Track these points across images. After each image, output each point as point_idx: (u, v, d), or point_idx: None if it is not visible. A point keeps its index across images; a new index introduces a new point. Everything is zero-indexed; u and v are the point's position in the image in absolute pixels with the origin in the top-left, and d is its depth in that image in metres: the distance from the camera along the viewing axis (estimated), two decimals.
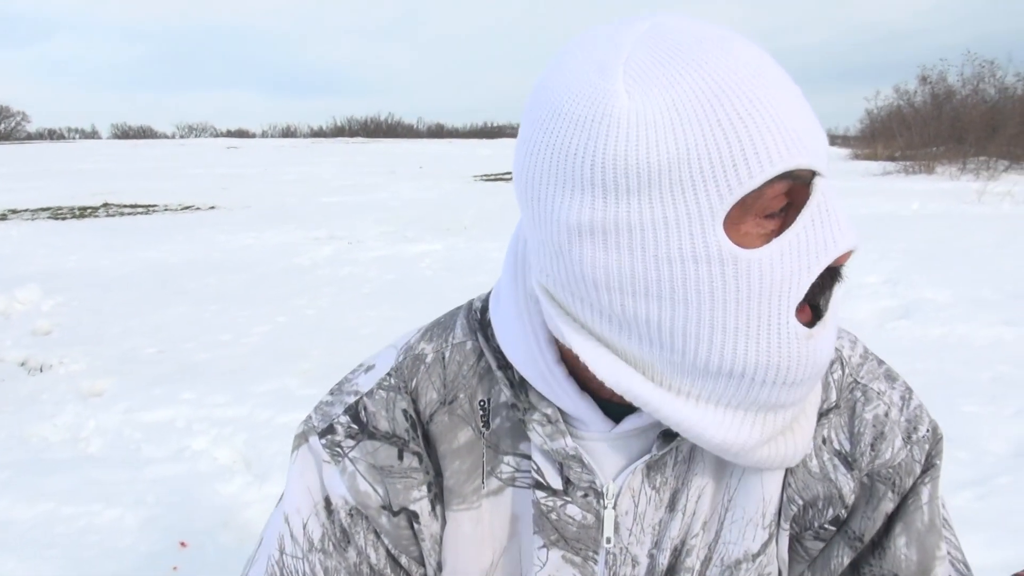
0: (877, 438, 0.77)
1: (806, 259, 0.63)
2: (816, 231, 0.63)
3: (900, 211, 12.68)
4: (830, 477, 0.77)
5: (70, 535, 2.81)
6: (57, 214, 15.78)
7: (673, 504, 0.78)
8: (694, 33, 0.63)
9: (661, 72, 0.61)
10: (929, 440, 0.78)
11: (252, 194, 19.10)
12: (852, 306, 5.92)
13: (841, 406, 0.79)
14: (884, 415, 0.78)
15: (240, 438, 3.67)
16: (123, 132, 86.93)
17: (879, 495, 0.77)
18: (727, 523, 0.78)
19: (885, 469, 0.77)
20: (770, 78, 0.62)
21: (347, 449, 0.80)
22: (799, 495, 0.78)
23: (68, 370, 5.03)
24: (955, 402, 3.84)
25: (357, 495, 0.79)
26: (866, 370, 0.81)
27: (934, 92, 26.93)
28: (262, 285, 7.78)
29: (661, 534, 0.79)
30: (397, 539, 0.80)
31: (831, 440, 0.78)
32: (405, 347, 0.85)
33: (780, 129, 0.60)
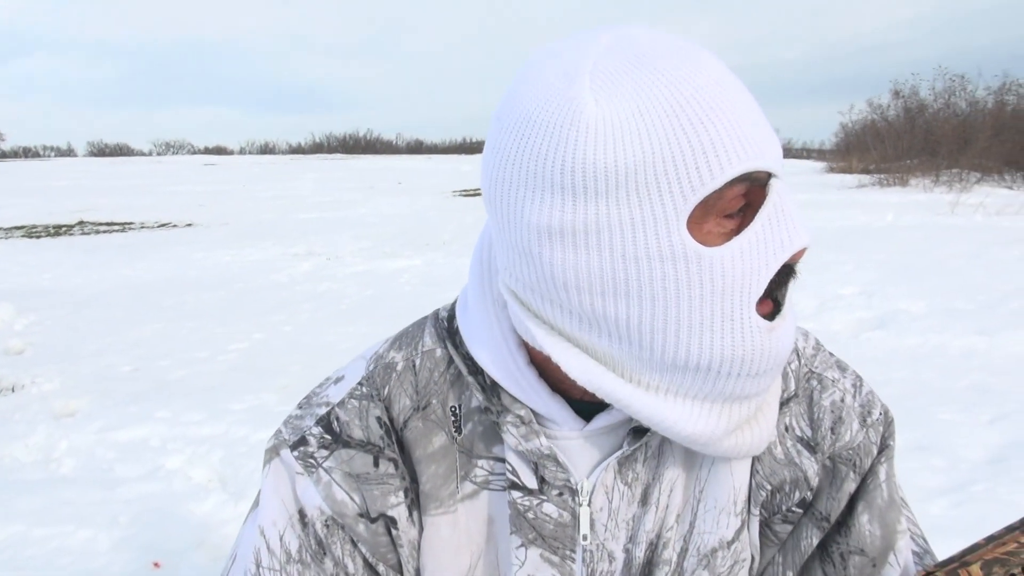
0: (836, 423, 0.82)
1: (764, 256, 0.67)
2: (773, 230, 0.67)
3: (875, 223, 12.81)
4: (795, 462, 0.81)
5: (41, 557, 2.77)
6: (31, 232, 15.61)
7: (646, 498, 0.80)
8: (657, 44, 0.67)
9: (626, 80, 0.64)
10: (882, 423, 0.84)
11: (230, 211, 18.99)
12: (828, 317, 5.96)
13: (800, 395, 0.83)
14: (840, 400, 0.83)
15: (216, 456, 3.63)
16: (99, 149, 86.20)
17: (842, 476, 0.81)
18: (700, 513, 0.81)
19: (846, 451, 0.81)
20: (728, 87, 0.65)
21: (321, 460, 0.81)
22: (767, 481, 0.81)
23: (41, 389, 4.95)
24: (930, 410, 3.87)
25: (334, 504, 0.79)
26: (819, 360, 0.86)
27: (907, 106, 27.29)
28: (239, 302, 7.72)
29: (635, 528, 0.81)
30: (375, 547, 0.80)
31: (793, 427, 0.82)
32: (374, 357, 0.86)
33: (738, 134, 0.64)
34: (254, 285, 8.67)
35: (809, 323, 5.82)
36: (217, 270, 9.88)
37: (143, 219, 17.70)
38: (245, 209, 19.39)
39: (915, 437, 3.51)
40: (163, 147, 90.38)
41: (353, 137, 78.09)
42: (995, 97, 25.51)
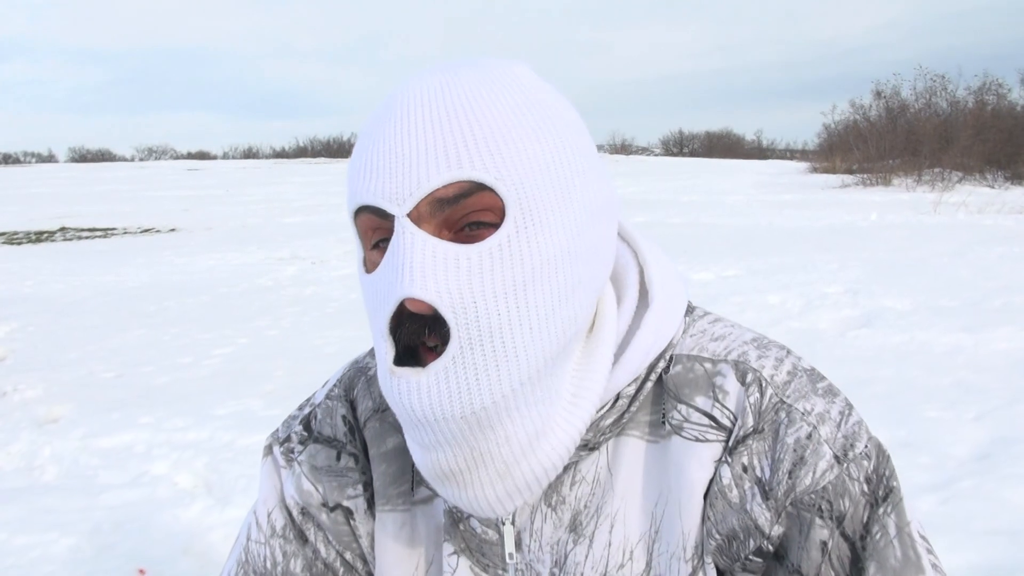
0: (796, 464, 0.72)
1: (383, 296, 0.67)
2: (387, 273, 0.67)
3: (859, 222, 12.89)
4: (746, 508, 0.73)
5: (22, 566, 2.73)
6: (12, 239, 15.47)
7: (575, 526, 0.77)
8: (401, 83, 0.72)
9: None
10: (870, 457, 0.74)
11: (214, 216, 18.89)
12: (814, 316, 5.98)
13: (764, 430, 0.74)
14: (807, 437, 0.73)
15: (201, 462, 3.60)
16: (81, 156, 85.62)
17: (807, 523, 0.72)
18: (655, 555, 0.76)
19: (808, 496, 0.72)
20: (389, 119, 0.68)
21: (297, 454, 0.89)
22: (716, 528, 0.74)
23: (23, 396, 4.90)
24: (916, 408, 3.88)
25: (302, 494, 0.87)
26: (793, 388, 0.76)
27: (888, 106, 27.52)
28: (224, 307, 7.67)
29: (560, 554, 0.78)
30: (338, 535, 0.86)
31: (752, 467, 0.74)
32: (354, 361, 0.94)
33: (362, 167, 0.68)
34: (238, 290, 8.61)
35: (794, 322, 5.84)
36: (201, 275, 9.82)
37: (126, 225, 17.57)
38: (229, 214, 19.29)
39: (901, 435, 3.52)
40: (146, 152, 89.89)
41: (337, 141, 77.89)
42: (975, 97, 25.77)
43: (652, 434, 0.77)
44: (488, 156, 0.65)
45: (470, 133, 0.65)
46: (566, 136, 0.71)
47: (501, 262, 0.66)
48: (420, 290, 0.64)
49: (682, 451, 0.75)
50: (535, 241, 0.67)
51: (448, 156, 0.64)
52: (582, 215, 0.70)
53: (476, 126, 0.66)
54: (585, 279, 0.71)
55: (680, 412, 0.76)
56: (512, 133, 0.67)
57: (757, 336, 0.81)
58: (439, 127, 0.65)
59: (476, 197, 0.65)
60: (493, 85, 0.69)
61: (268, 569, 0.87)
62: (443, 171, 0.64)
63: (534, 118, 0.69)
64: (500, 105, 0.68)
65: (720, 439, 0.75)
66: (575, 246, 0.69)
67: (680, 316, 0.80)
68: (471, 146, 0.65)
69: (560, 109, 0.72)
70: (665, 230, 12.67)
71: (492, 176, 0.65)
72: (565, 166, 0.69)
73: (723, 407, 0.75)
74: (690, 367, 0.78)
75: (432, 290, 0.64)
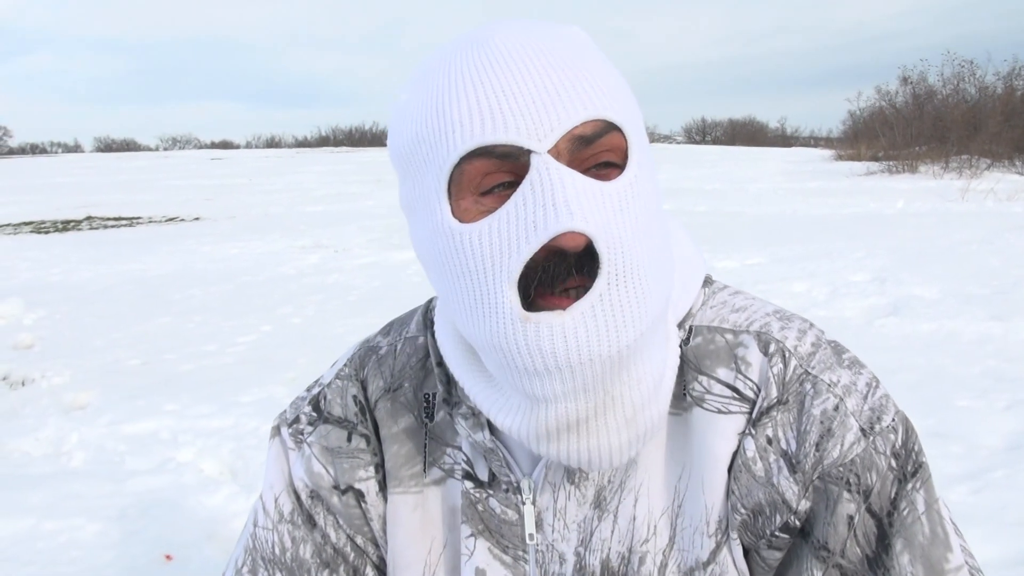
0: (823, 436, 0.70)
1: (515, 238, 0.64)
2: (527, 211, 0.63)
3: (885, 210, 12.74)
4: (772, 481, 0.71)
5: (51, 551, 2.75)
6: (40, 228, 15.64)
7: (599, 502, 0.76)
8: (470, 33, 0.71)
9: (419, 72, 0.72)
10: (896, 431, 0.72)
11: (237, 205, 19.00)
12: (840, 304, 5.91)
13: (789, 401, 0.72)
14: (833, 409, 0.71)
15: (226, 448, 3.62)
16: (106, 145, 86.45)
17: (834, 497, 0.70)
18: (679, 529, 0.75)
19: (835, 469, 0.70)
20: (496, 64, 0.66)
21: (306, 435, 0.87)
22: (741, 503, 0.72)
23: (51, 383, 4.95)
24: (947, 397, 3.82)
25: (312, 476, 0.85)
26: (818, 359, 0.74)
27: (915, 92, 27.13)
28: (247, 295, 7.71)
29: (586, 532, 0.77)
30: (349, 519, 0.85)
31: (778, 439, 0.72)
32: (365, 340, 0.92)
33: (478, 109, 0.64)
34: (261, 278, 8.65)
35: (821, 311, 5.78)
36: (224, 263, 9.87)
37: (150, 214, 17.72)
38: (252, 203, 19.39)
39: (931, 424, 3.47)
40: (169, 142, 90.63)
41: (359, 130, 78.05)
42: (1005, 82, 25.33)
43: (674, 407, 0.76)
44: (613, 100, 0.67)
45: (591, 79, 0.66)
46: (631, 96, 0.73)
47: (634, 199, 0.66)
48: (581, 222, 0.62)
49: (704, 423, 0.74)
50: (646, 182, 0.69)
51: (583, 97, 0.65)
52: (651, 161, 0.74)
53: (592, 73, 0.67)
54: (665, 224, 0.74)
55: (701, 384, 0.75)
56: (616, 83, 0.70)
57: (779, 308, 0.80)
58: (562, 72, 0.66)
59: (608, 137, 0.66)
60: (583, 42, 0.71)
61: (276, 555, 0.85)
62: (580, 110, 0.64)
63: (614, 75, 0.71)
64: (593, 55, 0.70)
65: (743, 411, 0.73)
66: (656, 189, 0.73)
67: (696, 287, 0.79)
68: (600, 90, 0.66)
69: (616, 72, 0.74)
70: (688, 218, 12.59)
71: (621, 117, 0.67)
72: (640, 120, 0.73)
73: (746, 378, 0.74)
74: (711, 338, 0.77)
75: (593, 223, 0.62)
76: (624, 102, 0.69)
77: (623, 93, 0.70)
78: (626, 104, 0.69)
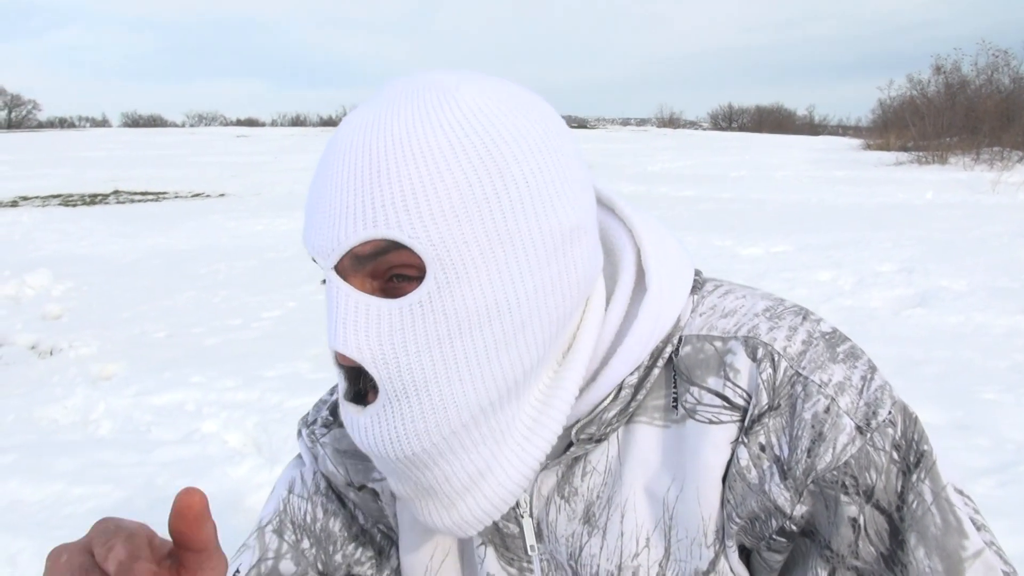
0: (815, 440, 0.69)
1: (327, 336, 0.69)
2: (327, 318, 0.69)
3: (913, 201, 12.59)
4: (764, 488, 0.70)
5: (79, 516, 2.79)
6: (68, 201, 15.81)
7: (588, 518, 0.76)
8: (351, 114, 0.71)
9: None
10: (895, 424, 0.69)
11: (262, 182, 19.09)
12: (866, 294, 5.86)
13: (781, 405, 0.70)
14: (824, 411, 0.69)
15: (250, 422, 3.65)
16: (133, 121, 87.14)
17: (832, 501, 0.69)
18: (674, 541, 0.74)
19: (830, 473, 0.68)
20: (324, 164, 0.68)
21: (320, 436, 0.92)
22: (736, 512, 0.72)
23: (78, 353, 5.01)
24: (973, 390, 3.78)
25: (328, 474, 0.91)
26: (809, 358, 0.72)
27: (948, 82, 26.74)
28: (272, 271, 7.76)
29: (575, 547, 0.77)
30: (368, 511, 0.90)
31: (771, 445, 0.70)
32: None
33: (305, 213, 0.70)
34: (286, 255, 8.70)
35: (846, 300, 5.73)
36: (250, 240, 9.94)
37: (176, 189, 17.84)
38: (277, 180, 19.48)
39: (957, 416, 3.43)
40: (196, 119, 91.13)
41: None
42: None
43: (664, 419, 0.75)
44: (403, 213, 0.64)
45: (388, 188, 0.64)
46: (511, 170, 0.66)
47: (423, 317, 0.65)
48: (342, 345, 0.66)
49: (697, 435, 0.73)
50: (460, 296, 0.65)
51: (364, 214, 0.64)
52: (531, 254, 0.67)
53: (395, 180, 0.64)
54: (536, 318, 0.69)
55: (693, 395, 0.74)
56: (435, 183, 0.64)
57: (770, 304, 0.77)
58: (359, 182, 0.65)
59: (394, 254, 0.65)
60: (424, 125, 0.65)
61: (307, 523, 0.90)
62: (359, 230, 0.64)
63: (467, 159, 0.65)
64: (426, 150, 0.64)
65: (734, 419, 0.72)
66: (516, 291, 0.67)
67: (683, 297, 0.76)
68: (387, 203, 0.64)
69: (509, 136, 0.67)
70: (713, 205, 12.51)
71: (407, 234, 0.63)
72: (505, 208, 0.66)
73: (735, 386, 0.72)
74: (700, 347, 0.75)
75: (353, 345, 0.65)
76: (436, 211, 0.64)
77: (445, 197, 0.64)
78: (440, 212, 0.64)
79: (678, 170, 20.94)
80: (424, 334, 0.66)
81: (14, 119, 78.21)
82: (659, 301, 0.74)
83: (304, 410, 3.45)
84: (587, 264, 0.72)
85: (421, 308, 0.65)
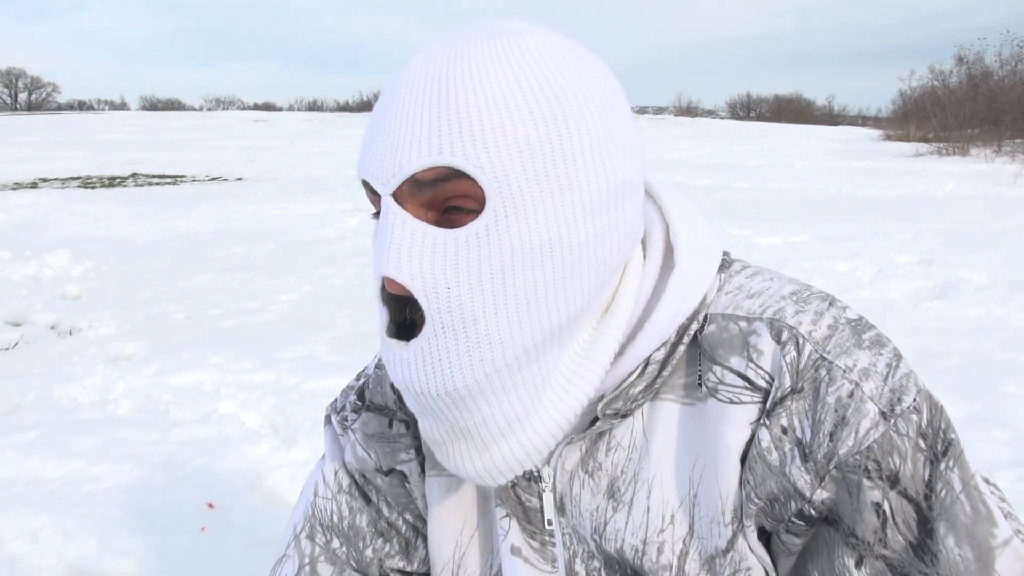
0: (837, 425, 0.68)
1: (376, 263, 0.69)
2: (375, 247, 0.69)
3: (933, 192, 12.48)
4: (785, 471, 0.70)
5: (99, 494, 2.82)
6: (87, 183, 15.91)
7: (612, 492, 0.77)
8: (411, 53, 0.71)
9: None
10: (920, 411, 0.69)
11: (279, 166, 19.14)
12: (885, 285, 5.82)
13: (804, 388, 0.70)
14: (848, 396, 0.69)
15: (268, 403, 3.67)
16: (151, 104, 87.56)
17: (855, 486, 0.68)
18: (697, 518, 0.75)
19: (852, 457, 0.68)
20: (390, 94, 0.68)
21: (351, 422, 0.93)
22: (755, 493, 0.72)
23: (97, 333, 5.05)
24: (993, 383, 3.75)
25: (358, 460, 0.92)
26: (834, 343, 0.71)
27: (970, 72, 26.46)
28: (289, 255, 7.79)
29: (599, 521, 0.77)
30: (396, 497, 0.91)
31: (792, 428, 0.70)
32: None
33: (364, 141, 0.70)
34: (303, 239, 8.73)
35: (865, 291, 5.69)
36: (266, 223, 9.98)
37: (194, 172, 17.92)
38: (294, 164, 19.53)
39: (976, 409, 3.41)
40: (213, 102, 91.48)
41: None
42: None
43: (688, 397, 0.75)
44: (470, 142, 0.64)
45: (455, 117, 0.64)
46: (575, 116, 0.67)
47: (479, 250, 0.65)
48: (395, 271, 0.65)
49: (717, 414, 0.73)
50: (516, 231, 0.66)
51: (430, 141, 0.64)
52: (587, 200, 0.68)
53: (464, 109, 0.64)
54: (587, 264, 0.69)
55: (715, 374, 0.74)
56: (501, 117, 0.65)
57: (798, 288, 0.76)
58: (426, 109, 0.65)
59: (455, 183, 0.65)
60: (495, 62, 0.66)
61: (335, 523, 0.91)
62: (423, 156, 0.64)
63: (534, 99, 0.66)
64: (496, 85, 0.65)
65: (755, 400, 0.72)
66: (571, 234, 0.67)
67: (711, 275, 0.76)
68: (454, 131, 0.64)
69: (575, 85, 0.68)
70: (731, 194, 12.45)
71: (471, 163, 0.64)
72: (566, 150, 0.67)
73: (757, 367, 0.72)
74: (724, 326, 0.75)
75: (406, 272, 0.65)
76: (500, 143, 0.64)
77: (511, 130, 0.65)
78: (504, 144, 0.64)
79: (695, 159, 20.83)
80: (478, 267, 0.66)
81: (34, 101, 78.73)
82: (687, 277, 0.74)
83: (320, 392, 3.45)
84: (636, 219, 0.73)
85: (478, 240, 0.65)
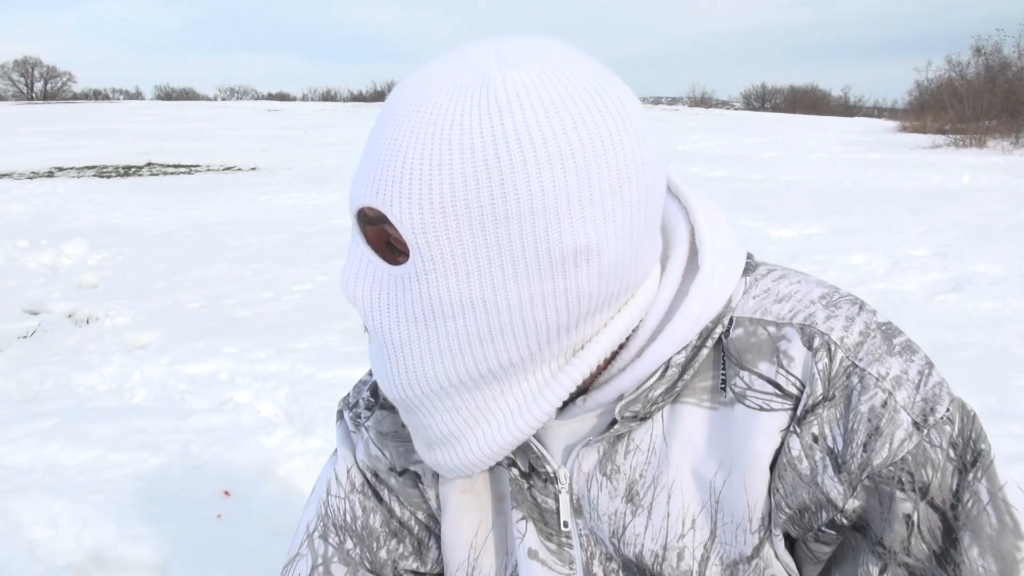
0: (871, 435, 0.67)
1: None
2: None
3: (950, 184, 12.39)
4: (817, 480, 0.69)
5: (116, 481, 2.85)
6: (102, 172, 16.00)
7: (631, 496, 0.76)
8: (400, 84, 0.71)
9: None
10: (953, 421, 0.68)
11: (293, 156, 19.19)
12: (900, 278, 5.79)
13: (836, 396, 0.69)
14: (882, 405, 0.67)
15: (282, 392, 3.70)
16: (166, 94, 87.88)
17: (887, 497, 0.68)
18: (720, 523, 0.74)
19: (886, 468, 0.67)
20: (381, 117, 0.68)
21: (364, 419, 0.93)
22: (786, 502, 0.71)
23: (114, 322, 5.10)
24: (1008, 376, 3.74)
25: (370, 459, 0.91)
26: (866, 350, 0.70)
27: (988, 64, 26.19)
28: (303, 245, 7.81)
29: (618, 525, 0.77)
30: (408, 497, 0.90)
31: (824, 436, 0.69)
32: None
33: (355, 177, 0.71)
34: (317, 229, 8.76)
35: (879, 284, 5.67)
36: (281, 213, 10.01)
37: (209, 162, 17.99)
38: (307, 155, 19.56)
39: (991, 402, 3.40)
40: (228, 92, 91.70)
41: None
42: None
43: (712, 401, 0.74)
44: (398, 194, 0.64)
45: (397, 167, 0.64)
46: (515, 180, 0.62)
47: (407, 292, 0.68)
48: (344, 287, 0.71)
49: (746, 420, 0.72)
50: (436, 285, 0.66)
51: (374, 182, 0.65)
52: (520, 265, 0.64)
53: (405, 160, 0.63)
54: (522, 325, 0.67)
55: (743, 379, 0.72)
56: (434, 175, 0.62)
57: (826, 292, 0.75)
58: (384, 150, 0.65)
59: (390, 226, 0.67)
60: (451, 111, 0.63)
61: (348, 523, 0.91)
62: (368, 194, 0.66)
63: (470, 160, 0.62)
64: (438, 141, 0.62)
65: (786, 408, 0.71)
66: (497, 296, 0.65)
67: (735, 278, 0.75)
68: (391, 179, 0.64)
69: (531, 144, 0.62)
70: (745, 186, 12.40)
71: (395, 215, 0.64)
72: (498, 214, 0.62)
73: (788, 374, 0.71)
74: (752, 331, 0.73)
75: (351, 290, 0.71)
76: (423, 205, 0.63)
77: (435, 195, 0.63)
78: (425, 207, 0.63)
79: (709, 150, 20.74)
80: (406, 305, 0.69)
81: (50, 90, 79.15)
82: (711, 281, 0.72)
83: (334, 382, 3.46)
84: (595, 287, 0.67)
85: (406, 283, 0.68)
